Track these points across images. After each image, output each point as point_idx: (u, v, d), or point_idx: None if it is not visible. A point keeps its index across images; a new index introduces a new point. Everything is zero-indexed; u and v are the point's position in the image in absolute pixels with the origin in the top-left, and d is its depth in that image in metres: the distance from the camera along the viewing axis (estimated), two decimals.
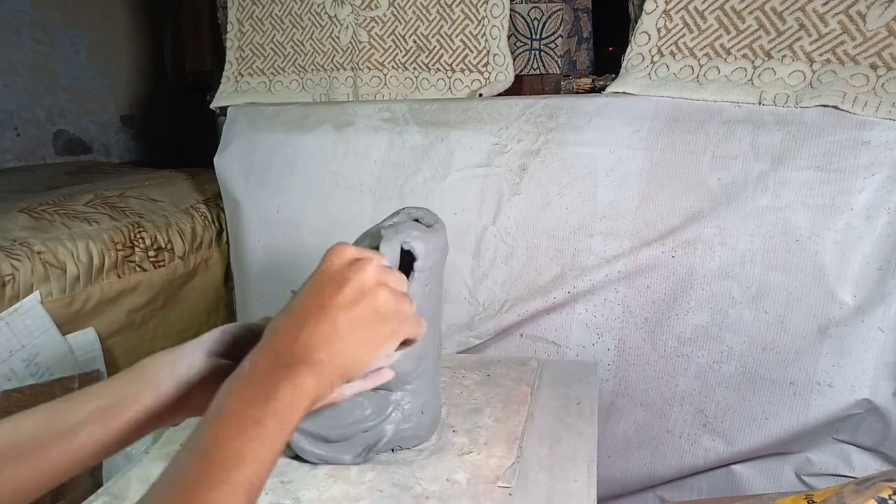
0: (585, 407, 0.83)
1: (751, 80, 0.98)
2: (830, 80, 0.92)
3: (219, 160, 1.50)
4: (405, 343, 0.49)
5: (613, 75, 1.13)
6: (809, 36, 0.94)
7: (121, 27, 2.57)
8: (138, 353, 1.48)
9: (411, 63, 1.34)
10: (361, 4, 1.34)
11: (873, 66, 0.89)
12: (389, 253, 0.62)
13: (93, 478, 1.22)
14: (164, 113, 2.70)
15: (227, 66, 1.54)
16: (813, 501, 0.62)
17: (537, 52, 1.30)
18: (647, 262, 1.01)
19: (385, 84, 1.37)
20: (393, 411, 0.69)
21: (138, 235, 1.45)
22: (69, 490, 1.18)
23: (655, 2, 1.05)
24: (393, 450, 0.72)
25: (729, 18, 0.99)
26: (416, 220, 0.71)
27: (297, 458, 0.71)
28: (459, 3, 1.26)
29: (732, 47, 1.00)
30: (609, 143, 1.05)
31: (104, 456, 0.46)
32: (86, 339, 1.35)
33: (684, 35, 1.03)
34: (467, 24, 1.26)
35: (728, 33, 1.00)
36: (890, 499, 0.55)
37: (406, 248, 0.64)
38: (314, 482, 0.68)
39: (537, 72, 1.31)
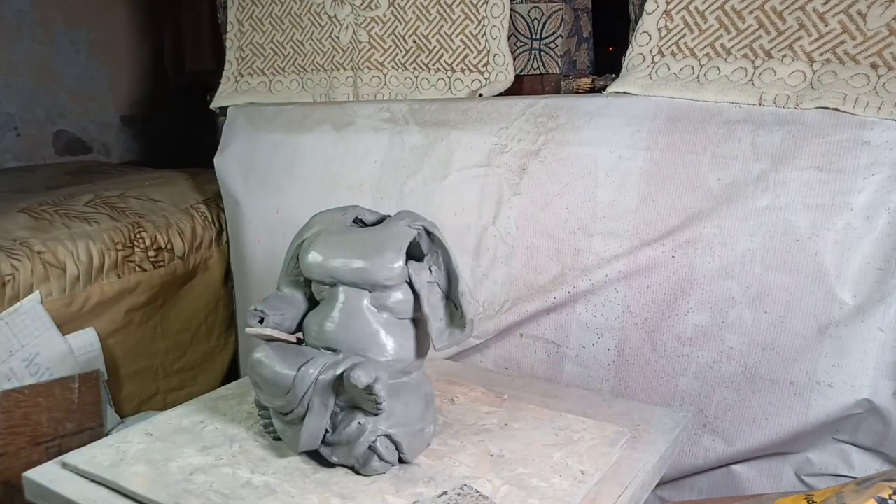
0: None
1: (751, 80, 0.98)
2: (831, 81, 0.92)
3: (219, 160, 1.50)
4: None
5: (613, 75, 1.13)
6: (810, 35, 0.94)
7: (121, 27, 2.57)
8: (138, 352, 1.48)
9: (411, 63, 1.34)
10: (361, 4, 1.34)
11: (874, 66, 0.89)
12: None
13: None
14: (164, 113, 2.69)
15: (226, 66, 1.54)
16: (813, 501, 0.62)
17: (537, 52, 1.30)
18: (647, 262, 1.01)
19: (385, 84, 1.37)
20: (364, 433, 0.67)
21: (138, 235, 1.45)
22: None
23: (656, 2, 1.05)
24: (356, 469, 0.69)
25: (729, 18, 0.99)
26: (359, 219, 0.75)
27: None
28: (459, 3, 1.26)
29: (733, 47, 1.00)
30: (609, 143, 1.05)
31: None
32: (86, 339, 1.35)
33: (685, 35, 1.03)
34: (467, 24, 1.26)
35: (728, 33, 1.00)
36: (890, 499, 0.55)
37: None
38: (450, 462, 0.69)
39: (537, 72, 1.31)
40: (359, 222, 0.76)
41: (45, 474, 0.70)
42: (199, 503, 0.63)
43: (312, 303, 0.74)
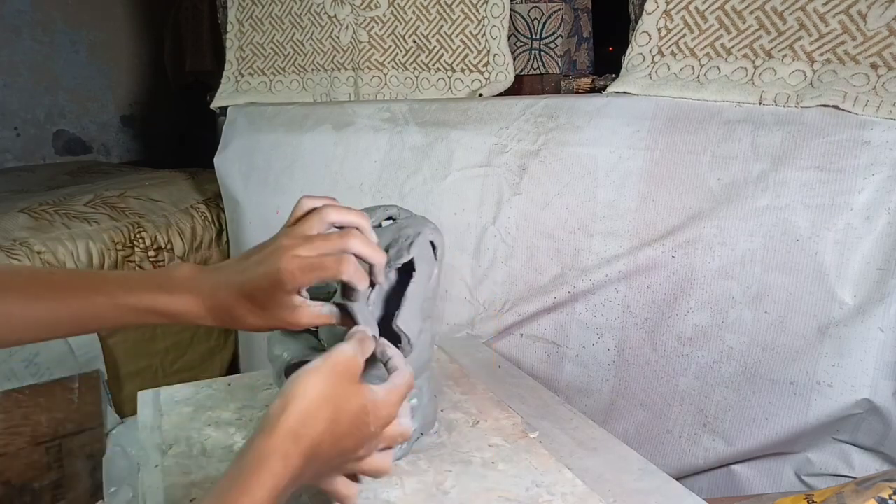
0: (508, 367, 0.94)
1: (751, 79, 0.98)
2: (831, 80, 0.92)
3: (219, 160, 1.50)
4: None
5: (613, 75, 1.13)
6: (810, 36, 0.94)
7: (121, 27, 2.57)
8: (138, 352, 1.48)
9: (411, 63, 1.34)
10: (361, 4, 1.34)
11: (874, 66, 0.89)
12: (421, 251, 0.63)
13: (92, 478, 1.22)
14: (164, 113, 2.70)
15: (227, 66, 1.54)
16: (813, 501, 0.62)
17: (537, 52, 1.30)
18: (647, 262, 1.01)
19: (385, 84, 1.37)
20: (418, 399, 0.70)
21: (138, 235, 1.45)
22: (69, 490, 1.18)
23: (656, 2, 1.05)
24: (417, 438, 0.73)
25: (730, 18, 0.99)
26: (391, 218, 0.72)
27: None
28: (459, 3, 1.26)
29: (733, 47, 1.00)
30: (609, 143, 1.05)
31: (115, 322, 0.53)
32: (86, 339, 1.35)
33: (685, 35, 1.03)
34: (467, 24, 1.26)
35: (729, 33, 1.00)
36: (890, 499, 0.55)
37: (435, 243, 0.66)
38: (385, 482, 0.67)
39: (537, 72, 1.31)
40: (389, 221, 0.75)
41: None
42: None
43: None
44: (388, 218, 0.73)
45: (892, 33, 0.88)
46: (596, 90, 1.20)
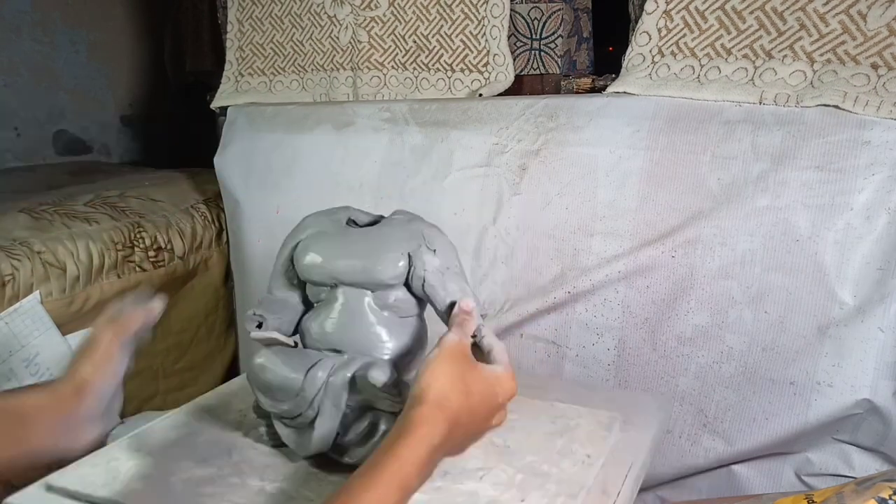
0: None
1: (752, 80, 0.98)
2: (831, 80, 0.92)
3: (219, 160, 1.50)
4: None
5: (613, 75, 1.12)
6: (810, 36, 0.94)
7: (121, 27, 2.57)
8: (138, 352, 1.47)
9: (411, 63, 1.34)
10: (361, 4, 1.34)
11: (874, 66, 0.89)
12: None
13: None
14: (164, 113, 2.69)
15: (227, 66, 1.54)
16: (813, 501, 0.62)
17: (537, 52, 1.30)
18: (647, 262, 1.01)
19: (385, 84, 1.37)
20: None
21: (138, 235, 1.45)
22: None
23: (656, 2, 1.05)
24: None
25: (730, 18, 0.99)
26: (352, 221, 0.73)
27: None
28: (459, 3, 1.25)
29: (733, 47, 1.00)
30: (609, 143, 1.05)
31: None
32: (86, 339, 1.35)
33: (685, 35, 1.03)
34: (467, 24, 1.26)
35: (729, 33, 1.00)
36: (890, 499, 0.55)
37: None
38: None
39: (537, 72, 1.31)
40: (351, 223, 0.75)
41: (30, 499, 0.66)
42: None
43: (307, 305, 0.74)
44: (349, 220, 0.73)
45: (892, 33, 0.88)
46: (596, 90, 1.20)
